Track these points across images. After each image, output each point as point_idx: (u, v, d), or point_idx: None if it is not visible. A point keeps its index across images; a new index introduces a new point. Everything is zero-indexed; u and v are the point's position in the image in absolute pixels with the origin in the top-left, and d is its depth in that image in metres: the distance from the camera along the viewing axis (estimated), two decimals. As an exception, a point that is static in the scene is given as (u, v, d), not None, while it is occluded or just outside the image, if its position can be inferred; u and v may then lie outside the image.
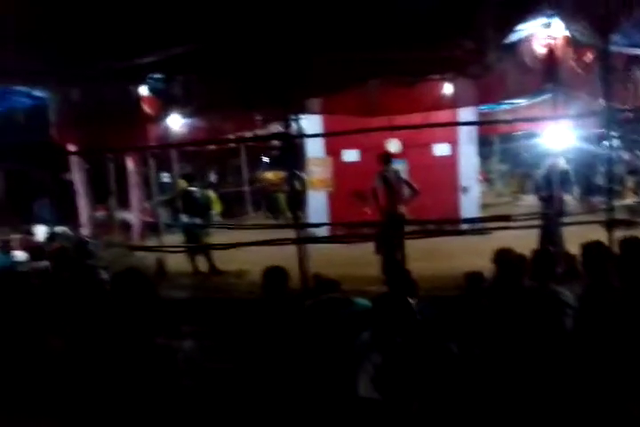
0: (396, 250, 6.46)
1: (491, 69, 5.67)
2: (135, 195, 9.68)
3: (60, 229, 8.76)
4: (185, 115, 6.88)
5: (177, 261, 7.51)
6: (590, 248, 3.44)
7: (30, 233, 9.34)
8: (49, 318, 3.77)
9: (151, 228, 9.02)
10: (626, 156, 10.66)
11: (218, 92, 6.23)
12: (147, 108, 6.68)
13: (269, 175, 12.37)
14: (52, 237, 8.46)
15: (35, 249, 6.72)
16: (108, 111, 6.19)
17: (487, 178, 16.76)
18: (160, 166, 11.22)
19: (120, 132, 6.69)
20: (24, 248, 7.27)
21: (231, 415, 3.31)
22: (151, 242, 8.43)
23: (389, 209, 6.49)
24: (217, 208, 12.36)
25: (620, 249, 3.60)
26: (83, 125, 6.44)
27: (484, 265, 3.66)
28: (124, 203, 10.11)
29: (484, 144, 16.76)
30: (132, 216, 9.90)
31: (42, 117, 6.58)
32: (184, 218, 7.83)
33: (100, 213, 10.01)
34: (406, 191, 6.72)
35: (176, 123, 7.73)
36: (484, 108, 11.92)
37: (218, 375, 3.80)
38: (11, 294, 4.23)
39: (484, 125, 12.91)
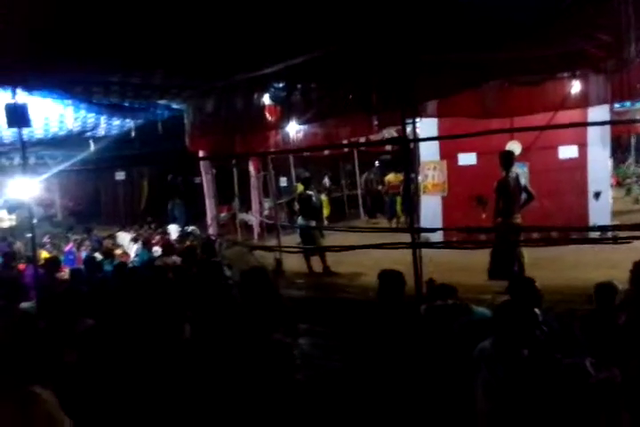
0: (512, 259, 6.14)
1: (629, 63, 5.19)
2: (255, 197, 10.25)
3: (190, 228, 9.55)
4: (303, 121, 7.14)
5: (293, 261, 7.79)
6: None
7: (165, 231, 10.30)
8: (181, 309, 4.11)
9: (270, 229, 9.47)
10: None
11: (335, 99, 6.40)
12: (268, 116, 7.05)
13: (391, 177, 12.35)
14: (183, 235, 9.25)
15: (167, 246, 7.36)
16: (234, 119, 6.65)
17: (621, 182, 15.27)
18: (279, 171, 11.79)
19: (244, 139, 7.15)
20: (161, 245, 8.00)
21: (339, 414, 3.36)
22: (270, 242, 8.84)
23: (505, 217, 6.20)
24: (326, 212, 12.66)
25: None
26: (212, 133, 6.98)
27: (616, 277, 3.37)
28: (246, 205, 10.75)
29: (619, 145, 15.35)
30: (253, 217, 10.48)
31: (178, 127, 7.26)
32: (300, 220, 8.11)
33: (224, 214, 10.74)
34: (523, 197, 6.38)
35: (294, 129, 8.05)
36: (619, 106, 10.93)
37: (330, 373, 3.89)
38: (151, 285, 4.71)
39: (618, 125, 11.83)
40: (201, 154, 7.85)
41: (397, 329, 3.33)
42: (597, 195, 8.68)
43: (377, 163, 17.29)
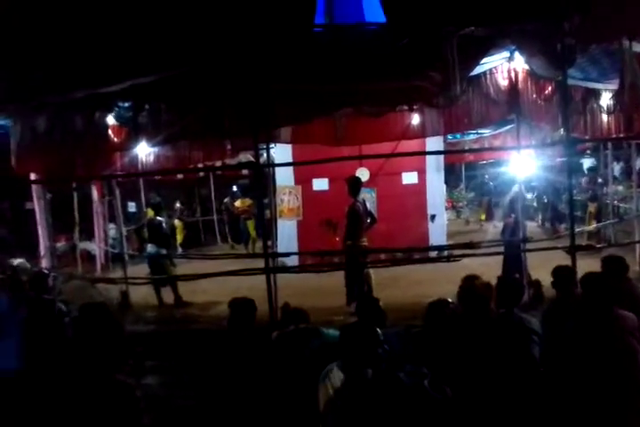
0: (361, 280, 6.41)
1: (456, 100, 5.82)
2: (99, 225, 9.43)
3: (17, 261, 8.35)
4: (153, 144, 6.78)
5: (142, 294, 7.28)
6: (560, 271, 3.73)
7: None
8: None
9: (116, 258, 8.77)
10: (585, 183, 11.00)
11: (187, 121, 6.19)
12: (113, 137, 6.58)
13: (238, 203, 12.35)
14: (6, 269, 8.05)
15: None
16: (74, 140, 6.07)
17: (454, 206, 17.04)
18: (126, 196, 11.05)
19: (86, 161, 6.55)
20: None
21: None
22: (115, 273, 8.17)
23: (354, 240, 6.49)
24: (179, 238, 12.17)
25: (602, 267, 3.76)
26: (46, 154, 6.28)
27: (452, 292, 3.65)
28: (88, 233, 9.83)
29: (451, 173, 17.16)
30: (96, 247, 9.62)
31: (1, 146, 6.40)
32: (150, 248, 7.65)
33: (63, 244, 9.70)
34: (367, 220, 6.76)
35: (144, 152, 7.63)
36: (451, 137, 12.27)
37: (180, 413, 3.63)
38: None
39: (451, 154, 13.23)
40: (33, 177, 7.02)
41: (247, 358, 3.22)
42: (433, 217, 9.52)
43: (235, 187, 17.17)
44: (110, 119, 6.39)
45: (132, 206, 10.77)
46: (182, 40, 5.25)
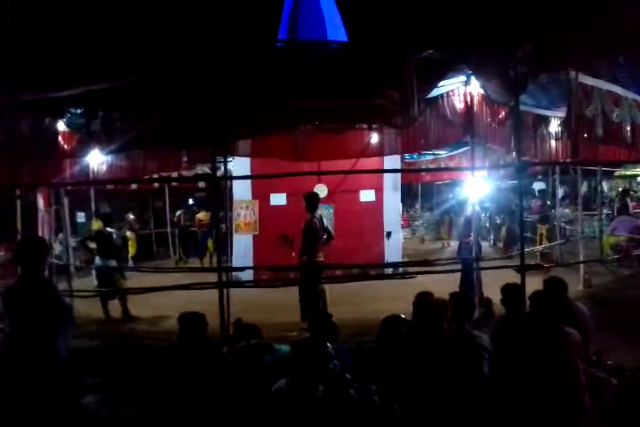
0: (316, 296, 6.36)
1: (414, 120, 5.92)
2: (44, 235, 8.99)
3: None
4: (106, 152, 6.56)
5: (88, 307, 6.96)
6: (508, 288, 3.81)
7: None
8: None
9: (61, 271, 8.36)
10: (535, 205, 11.38)
11: (142, 130, 6.04)
12: (63, 144, 6.33)
13: (201, 215, 12.09)
14: None
15: None
16: (18, 145, 5.79)
17: (411, 224, 17.31)
18: (76, 205, 10.64)
19: (32, 168, 6.26)
20: None
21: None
22: (60, 286, 7.77)
23: (310, 256, 6.46)
24: (132, 250, 11.79)
25: (544, 287, 3.83)
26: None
27: (408, 308, 3.66)
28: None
29: (408, 192, 17.49)
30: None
31: None
32: (98, 260, 7.36)
33: (2, 254, 9.21)
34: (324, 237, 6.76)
35: (96, 160, 7.38)
36: (408, 157, 12.51)
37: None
38: None
39: (408, 174, 13.47)
40: (-29, 183, 6.64)
41: (196, 374, 3.10)
42: (389, 234, 9.62)
43: (191, 200, 16.87)
44: (61, 125, 6.15)
45: (80, 217, 10.36)
46: (142, 48, 5.16)
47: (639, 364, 4.31)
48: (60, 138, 6.20)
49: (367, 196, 9.77)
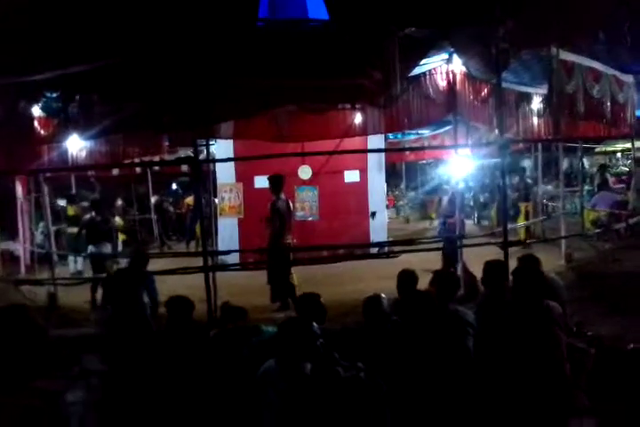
0: (286, 278, 6.37)
1: (396, 100, 5.89)
2: (24, 223, 8.86)
3: None
4: (85, 137, 6.44)
5: (75, 295, 6.92)
6: (490, 265, 3.81)
7: None
8: None
9: (43, 259, 8.28)
10: (516, 182, 11.44)
11: (122, 114, 5.93)
12: (40, 129, 6.19)
13: (189, 200, 11.97)
14: None
15: None
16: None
17: (396, 204, 17.36)
18: (56, 192, 10.46)
19: (9, 155, 6.13)
20: None
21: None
22: (43, 275, 7.71)
23: (277, 238, 6.45)
24: (122, 236, 11.68)
25: (517, 263, 3.87)
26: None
27: (392, 287, 3.70)
28: (11, 232, 9.21)
29: (394, 172, 17.48)
30: (20, 247, 9.03)
31: None
32: (91, 247, 7.34)
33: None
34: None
35: (75, 146, 7.24)
36: (392, 137, 12.49)
37: (114, 417, 3.46)
38: None
39: (392, 153, 13.47)
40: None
41: (184, 357, 3.12)
42: (373, 215, 9.66)
43: (174, 185, 16.71)
44: (36, 110, 6.00)
45: (62, 202, 10.17)
46: (120, 29, 5.02)
47: (618, 334, 4.42)
48: (36, 123, 6.06)
49: (351, 176, 9.76)
